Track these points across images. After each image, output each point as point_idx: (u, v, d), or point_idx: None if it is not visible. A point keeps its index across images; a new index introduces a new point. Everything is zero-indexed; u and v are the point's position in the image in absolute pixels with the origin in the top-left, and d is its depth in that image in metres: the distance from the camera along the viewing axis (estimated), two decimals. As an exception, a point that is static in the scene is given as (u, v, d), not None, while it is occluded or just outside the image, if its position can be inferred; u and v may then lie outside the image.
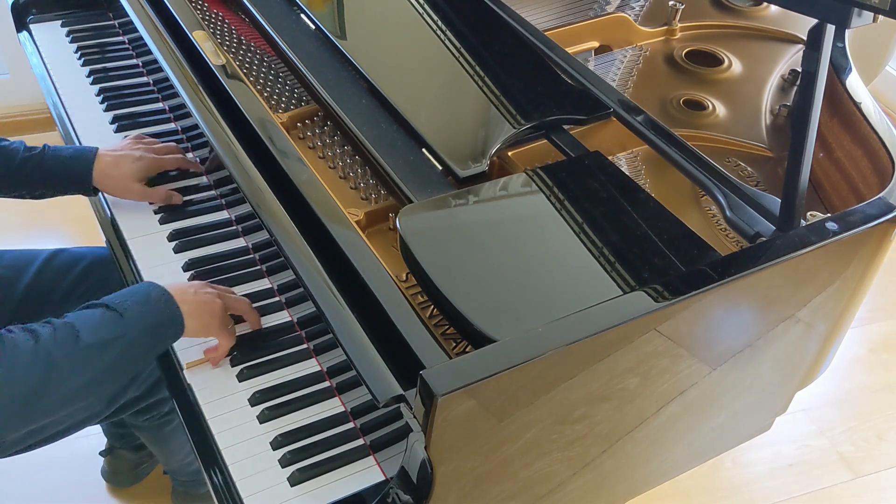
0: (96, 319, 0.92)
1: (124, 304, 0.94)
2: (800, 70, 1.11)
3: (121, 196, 1.24)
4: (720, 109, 1.27)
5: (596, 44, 1.39)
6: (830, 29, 0.85)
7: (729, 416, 1.12)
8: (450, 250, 0.89)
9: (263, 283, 1.14)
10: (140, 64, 1.51)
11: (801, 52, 1.37)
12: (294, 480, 0.93)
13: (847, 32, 1.28)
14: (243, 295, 1.11)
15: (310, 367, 1.04)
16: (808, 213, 0.98)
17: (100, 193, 1.25)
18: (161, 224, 1.22)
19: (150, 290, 0.97)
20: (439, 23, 1.24)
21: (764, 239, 0.94)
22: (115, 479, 1.66)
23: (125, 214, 1.24)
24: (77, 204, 1.51)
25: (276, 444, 0.96)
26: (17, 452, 1.15)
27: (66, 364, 0.88)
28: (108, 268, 1.26)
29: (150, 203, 1.24)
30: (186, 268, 1.15)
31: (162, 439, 1.42)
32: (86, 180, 1.21)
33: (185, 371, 1.02)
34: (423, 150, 1.05)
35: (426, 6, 1.27)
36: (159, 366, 1.07)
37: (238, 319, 1.08)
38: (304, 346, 1.06)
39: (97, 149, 1.22)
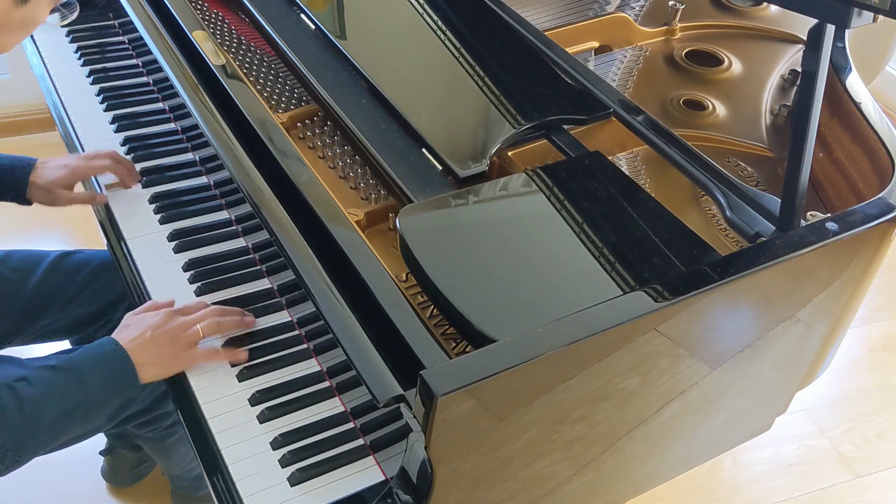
0: (59, 391, 0.94)
1: (83, 368, 0.96)
2: (800, 70, 1.11)
3: (50, 205, 1.27)
4: (720, 109, 1.27)
5: (596, 44, 1.39)
6: (830, 29, 0.85)
7: (729, 416, 1.12)
8: (450, 250, 0.89)
9: (263, 283, 1.14)
10: (140, 64, 1.51)
11: (801, 52, 1.37)
12: (294, 480, 0.93)
13: (847, 32, 1.28)
14: (243, 295, 1.11)
15: (310, 367, 1.04)
16: (808, 213, 0.98)
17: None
18: (161, 224, 1.22)
19: (103, 350, 0.99)
20: (439, 23, 1.24)
21: (764, 239, 0.94)
22: (115, 479, 1.66)
23: (125, 214, 1.24)
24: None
25: (276, 444, 0.96)
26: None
27: (29, 433, 0.93)
28: (114, 271, 1.26)
29: (150, 203, 1.24)
30: (186, 268, 1.15)
31: (164, 449, 1.42)
32: (21, 190, 1.24)
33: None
34: (423, 150, 1.05)
35: (426, 6, 1.27)
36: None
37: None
38: (304, 346, 1.06)
39: (36, 160, 1.25)
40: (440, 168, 1.02)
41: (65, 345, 1.39)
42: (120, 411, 1.17)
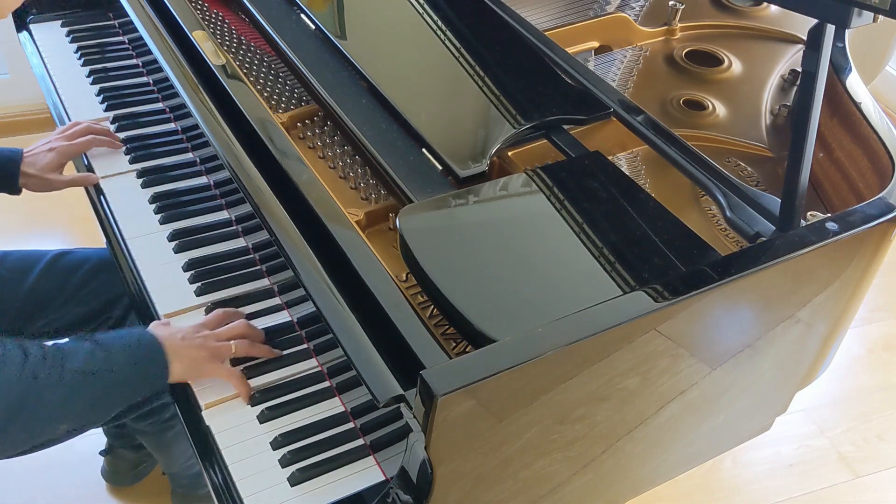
0: (85, 351, 0.93)
1: (113, 344, 0.96)
2: (800, 70, 1.11)
3: (45, 191, 1.28)
4: (720, 109, 1.27)
5: (596, 44, 1.39)
6: (830, 29, 0.85)
7: (729, 416, 1.12)
8: (450, 250, 0.89)
9: (263, 283, 1.14)
10: (140, 64, 1.51)
11: (801, 52, 1.37)
12: (294, 480, 0.93)
13: (847, 32, 1.28)
14: (243, 295, 1.11)
15: (310, 367, 1.04)
16: (808, 213, 0.98)
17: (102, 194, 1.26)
18: (161, 224, 1.22)
19: (140, 335, 0.98)
20: (439, 22, 1.24)
21: (764, 239, 0.94)
22: (115, 479, 1.66)
23: (125, 214, 1.24)
24: (77, 204, 1.52)
25: (276, 444, 0.96)
26: (14, 456, 1.15)
27: (47, 385, 0.90)
28: (112, 270, 1.26)
29: (150, 203, 1.24)
30: (186, 268, 1.15)
31: (164, 444, 1.42)
32: (11, 181, 1.25)
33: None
34: (423, 150, 1.05)
35: (426, 6, 1.27)
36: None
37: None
38: (304, 346, 1.06)
39: (21, 151, 1.26)
40: (440, 168, 1.02)
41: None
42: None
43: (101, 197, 1.27)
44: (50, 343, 0.93)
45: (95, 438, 1.67)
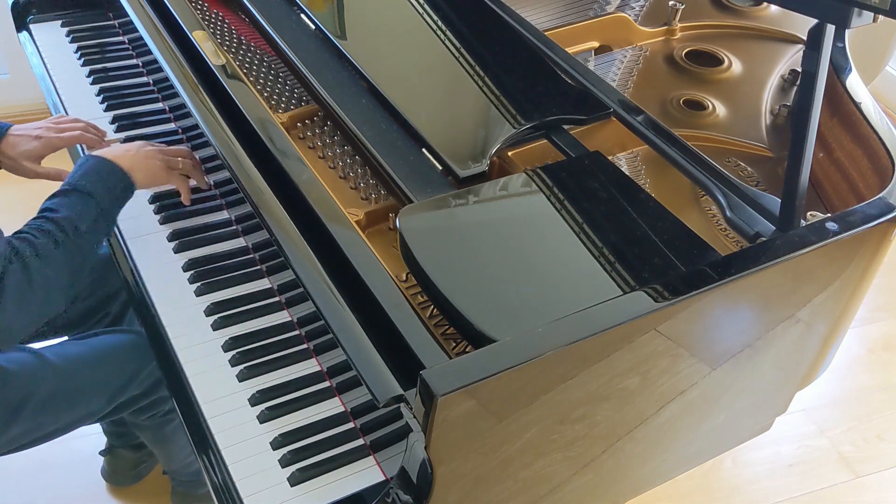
0: (79, 206, 1.04)
1: (87, 184, 1.07)
2: (800, 70, 1.11)
3: (16, 173, 1.27)
4: (720, 109, 1.27)
5: (596, 44, 1.39)
6: (830, 29, 0.85)
7: (729, 416, 1.12)
8: (450, 250, 0.89)
9: (263, 283, 1.14)
10: (140, 64, 1.51)
11: (801, 52, 1.37)
12: (294, 480, 0.93)
13: (847, 32, 1.28)
14: (243, 295, 1.11)
15: (310, 367, 1.04)
16: (808, 213, 0.98)
17: None
18: (161, 224, 1.22)
19: (97, 165, 1.10)
20: (439, 23, 1.24)
21: (764, 239, 0.94)
22: (115, 479, 1.66)
23: (125, 214, 1.23)
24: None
25: (276, 444, 0.96)
26: (14, 451, 1.15)
27: (85, 244, 1.04)
28: (107, 267, 1.26)
29: (150, 203, 1.25)
30: (186, 268, 1.15)
31: (162, 439, 1.42)
32: None
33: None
34: (423, 150, 1.05)
35: (426, 6, 1.27)
36: (159, 365, 1.07)
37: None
38: (304, 346, 1.06)
39: (10, 126, 1.25)
40: (440, 168, 1.02)
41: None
42: (118, 394, 1.18)
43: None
44: (43, 209, 1.04)
45: (95, 438, 1.67)
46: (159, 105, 1.44)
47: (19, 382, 1.09)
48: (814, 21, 0.86)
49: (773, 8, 1.47)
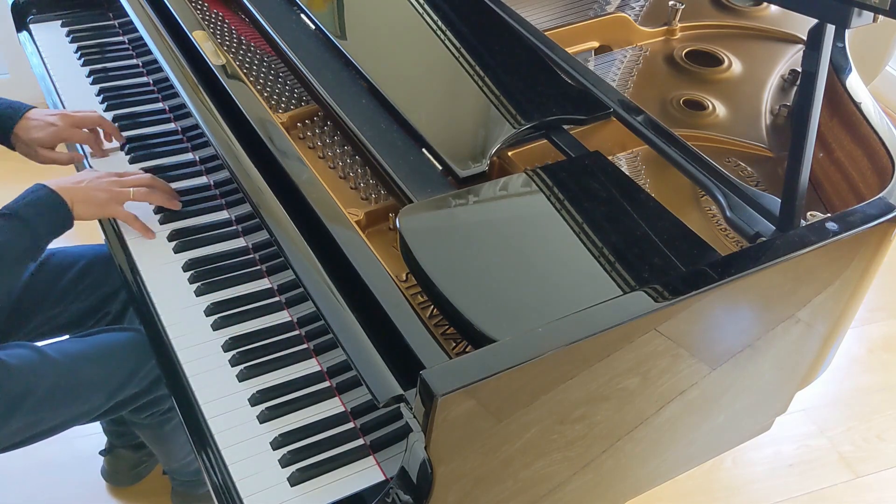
0: (13, 234, 1.07)
1: (30, 214, 1.08)
2: (800, 70, 1.11)
3: (29, 158, 1.31)
4: (720, 109, 1.27)
5: (596, 44, 1.39)
6: (830, 29, 0.85)
7: (729, 416, 1.12)
8: (450, 250, 0.89)
9: (263, 283, 1.14)
10: (140, 64, 1.51)
11: (801, 52, 1.37)
12: (294, 480, 0.93)
13: (847, 32, 1.28)
14: (243, 295, 1.11)
15: (310, 367, 1.04)
16: (808, 213, 0.98)
17: None
18: (161, 224, 1.22)
19: (46, 198, 1.11)
20: (439, 22, 1.24)
21: (764, 239, 0.94)
22: (115, 479, 1.66)
23: (125, 214, 1.24)
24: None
25: (276, 444, 0.96)
26: (12, 447, 1.15)
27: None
28: (106, 265, 1.26)
29: (150, 203, 1.25)
30: (186, 268, 1.15)
31: (162, 438, 1.42)
32: (5, 136, 1.29)
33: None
34: (423, 150, 1.05)
35: (426, 6, 1.27)
36: (159, 364, 1.07)
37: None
38: (304, 346, 1.06)
39: (30, 108, 1.30)
40: (440, 168, 1.02)
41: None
42: (118, 391, 1.18)
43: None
44: None
45: (95, 438, 1.67)
46: (159, 105, 1.44)
47: (20, 377, 1.09)
48: (814, 21, 0.86)
49: (773, 8, 1.47)
